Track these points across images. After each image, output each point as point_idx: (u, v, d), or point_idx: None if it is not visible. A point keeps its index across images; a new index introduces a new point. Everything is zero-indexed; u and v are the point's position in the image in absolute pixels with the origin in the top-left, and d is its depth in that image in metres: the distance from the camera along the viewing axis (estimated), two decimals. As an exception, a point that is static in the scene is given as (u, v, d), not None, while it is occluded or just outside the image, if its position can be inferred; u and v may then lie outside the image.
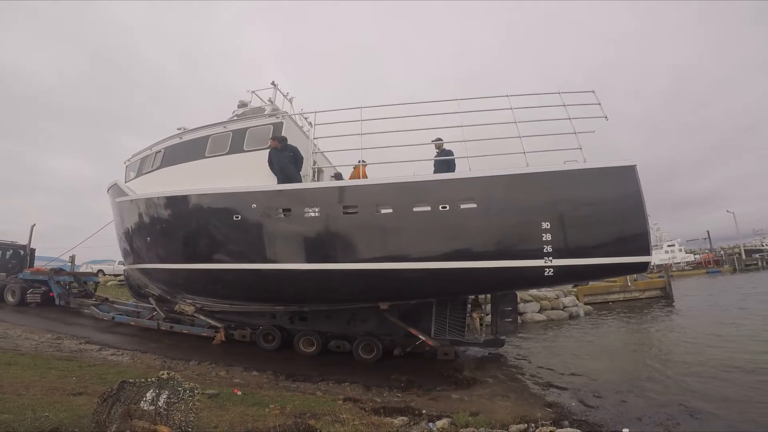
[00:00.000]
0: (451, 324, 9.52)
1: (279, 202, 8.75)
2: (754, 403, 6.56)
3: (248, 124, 10.02)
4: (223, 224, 9.13)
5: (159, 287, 11.33)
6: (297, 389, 7.75)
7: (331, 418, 5.39)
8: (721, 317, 15.10)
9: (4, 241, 20.91)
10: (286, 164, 9.10)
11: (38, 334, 11.57)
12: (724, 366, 8.66)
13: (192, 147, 10.40)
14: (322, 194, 8.60)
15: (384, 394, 7.61)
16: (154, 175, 11.00)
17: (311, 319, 10.78)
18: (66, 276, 17.39)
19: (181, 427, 3.69)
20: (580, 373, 8.85)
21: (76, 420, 4.22)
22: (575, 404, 6.82)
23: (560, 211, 7.22)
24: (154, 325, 12.48)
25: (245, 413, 5.51)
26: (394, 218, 7.98)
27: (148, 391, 3.85)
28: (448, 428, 5.40)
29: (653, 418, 6.00)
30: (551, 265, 7.06)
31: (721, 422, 5.86)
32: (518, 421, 5.88)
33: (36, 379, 6.75)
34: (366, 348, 9.90)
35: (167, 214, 10.05)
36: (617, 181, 7.29)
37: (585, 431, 5.31)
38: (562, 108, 7.89)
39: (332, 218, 8.32)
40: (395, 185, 8.25)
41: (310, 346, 10.33)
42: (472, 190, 7.69)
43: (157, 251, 10.30)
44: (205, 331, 11.66)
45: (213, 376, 8.53)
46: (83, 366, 8.15)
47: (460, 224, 7.59)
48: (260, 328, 11.02)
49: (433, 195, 7.84)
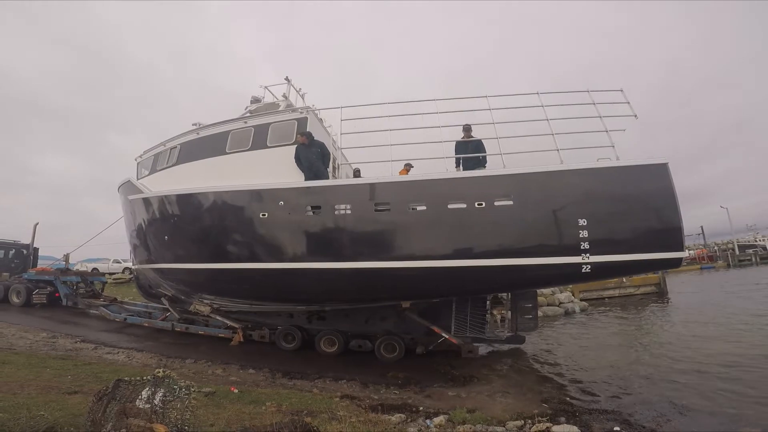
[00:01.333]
0: (472, 321, 9.48)
1: (308, 199, 8.58)
2: (746, 398, 6.62)
3: (270, 119, 9.77)
4: (249, 222, 8.90)
5: (175, 287, 10.97)
6: (294, 387, 7.75)
7: (328, 416, 5.39)
8: (714, 313, 15.20)
9: (7, 241, 20.44)
10: (314, 160, 8.92)
11: (33, 332, 11.51)
12: (716, 363, 8.74)
13: (211, 143, 10.11)
14: (353, 191, 8.48)
15: (381, 392, 7.62)
16: (169, 171, 10.67)
17: (329, 318, 10.60)
18: (73, 276, 16.97)
19: (177, 425, 3.67)
20: (576, 370, 8.90)
21: (71, 419, 4.19)
22: (571, 400, 6.86)
23: (596, 208, 7.31)
24: (168, 326, 12.19)
25: (242, 411, 5.50)
26: (429, 215, 7.91)
27: (143, 389, 3.83)
28: (445, 425, 5.41)
29: (646, 415, 6.03)
30: (588, 261, 7.14)
31: (712, 419, 5.90)
32: (515, 417, 5.90)
33: (31, 378, 6.72)
34: (388, 347, 9.76)
35: (188, 211, 9.74)
36: (650, 179, 7.39)
37: (581, 427, 5.33)
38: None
39: (364, 216, 8.22)
40: (429, 182, 8.15)
41: (331, 346, 10.18)
42: (509, 187, 7.69)
43: (176, 250, 9.98)
44: (222, 332, 11.39)
45: (209, 374, 8.51)
46: (78, 364, 8.12)
47: (496, 221, 7.60)
48: (279, 328, 10.78)
49: (469, 192, 7.77)
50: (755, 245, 61.68)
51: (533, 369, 9.02)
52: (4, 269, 18.86)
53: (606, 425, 5.67)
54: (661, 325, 14.13)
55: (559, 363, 9.50)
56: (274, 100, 11.41)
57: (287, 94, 11.38)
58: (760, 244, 62.80)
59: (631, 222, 7.25)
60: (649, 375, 8.18)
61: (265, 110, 10.74)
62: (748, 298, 18.60)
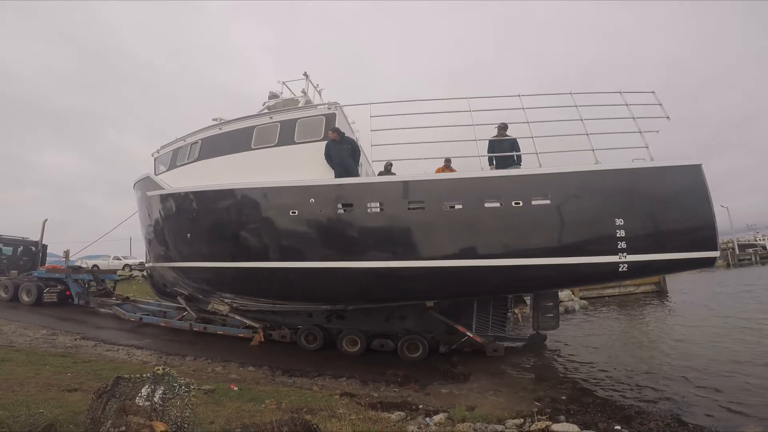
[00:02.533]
0: (494, 320, 9.43)
1: (340, 196, 8.50)
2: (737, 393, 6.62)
3: (297, 114, 9.61)
4: (278, 220, 8.77)
5: (195, 286, 10.73)
6: (293, 384, 7.75)
7: (327, 414, 5.38)
8: (714, 312, 15.20)
9: (15, 237, 19.86)
10: (345, 157, 8.82)
11: (33, 330, 11.51)
12: (718, 361, 8.74)
13: (235, 138, 9.89)
14: (386, 189, 8.41)
15: (381, 389, 7.62)
16: (190, 167, 10.43)
17: (349, 317, 10.45)
18: (85, 274, 16.65)
19: (177, 422, 3.67)
20: (576, 368, 8.90)
21: (71, 416, 4.19)
22: (570, 399, 6.85)
23: (633, 208, 7.38)
24: (186, 326, 11.93)
25: (241, 409, 5.51)
26: (464, 214, 7.87)
27: (143, 386, 3.82)
28: (444, 423, 5.41)
29: (647, 415, 6.01)
30: (625, 260, 7.21)
31: (710, 419, 5.89)
32: (514, 415, 5.91)
33: (30, 375, 6.72)
34: (411, 346, 9.63)
35: (214, 208, 9.51)
36: (684, 179, 7.49)
37: (581, 426, 5.32)
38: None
39: (397, 214, 8.16)
40: (466, 180, 8.11)
41: (353, 345, 10.01)
42: (547, 187, 7.70)
43: (199, 248, 9.75)
44: (242, 332, 11.17)
45: (209, 371, 8.51)
46: (78, 362, 8.12)
47: (534, 221, 7.62)
48: (299, 327, 10.56)
49: (506, 190, 7.76)
50: (755, 245, 61.63)
51: (532, 367, 9.00)
52: (12, 267, 18.31)
53: (607, 424, 5.66)
54: (661, 323, 14.13)
55: (558, 361, 9.49)
56: (293, 96, 11.29)
57: (306, 90, 11.26)
58: (760, 243, 62.77)
59: (666, 222, 7.39)
60: (651, 374, 8.18)
61: (283, 106, 10.62)
62: (742, 298, 18.46)
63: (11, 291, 15.70)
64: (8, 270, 17.77)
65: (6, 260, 18.85)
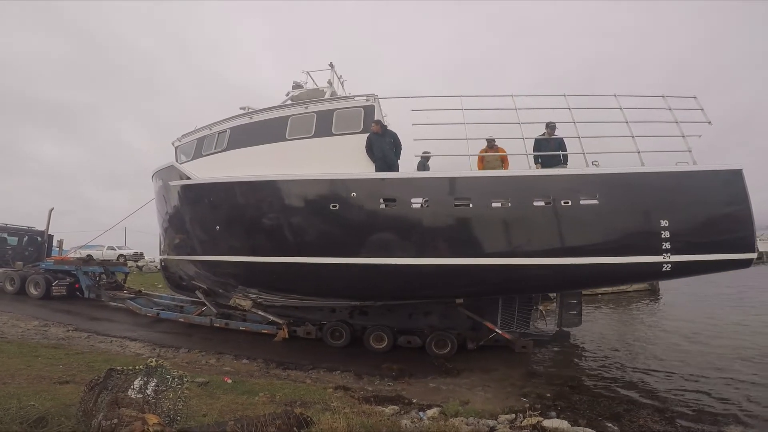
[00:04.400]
0: (519, 316, 9.44)
1: (383, 191, 8.37)
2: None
3: (333, 105, 9.39)
4: (318, 214, 8.59)
5: (219, 280, 10.43)
6: (287, 377, 7.76)
7: (321, 407, 5.40)
8: (703, 311, 15.33)
9: (20, 227, 18.78)
10: (387, 151, 8.67)
11: (25, 321, 11.42)
12: (701, 361, 8.87)
13: (268, 128, 9.60)
14: (431, 184, 8.30)
15: (375, 383, 7.65)
16: (218, 157, 10.07)
17: (372, 313, 10.32)
18: (96, 266, 15.89)
19: (170, 415, 3.66)
20: (567, 365, 8.97)
21: (62, 409, 4.15)
22: (557, 395, 6.87)
23: (677, 209, 7.55)
24: (207, 321, 11.43)
25: (235, 401, 5.51)
26: (513, 212, 7.87)
27: (135, 379, 3.80)
28: (437, 417, 5.43)
29: (636, 412, 6.04)
30: (669, 260, 7.37)
31: (696, 417, 5.96)
32: (507, 411, 5.94)
33: (22, 367, 6.68)
34: (439, 343, 9.51)
35: (249, 200, 9.24)
36: (726, 183, 7.67)
37: (572, 422, 5.36)
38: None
39: (442, 210, 8.09)
40: (514, 178, 8.10)
41: (380, 342, 9.80)
42: (596, 187, 7.77)
43: (230, 242, 9.47)
44: (265, 328, 10.79)
45: (203, 364, 8.50)
46: (70, 354, 8.08)
47: (582, 220, 7.70)
48: (324, 323, 10.32)
49: (556, 189, 7.79)
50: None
51: (526, 364, 9.01)
52: (17, 258, 17.17)
53: (596, 421, 5.70)
54: (652, 321, 14.26)
55: (552, 358, 9.55)
56: (317, 87, 11.16)
57: (332, 81, 11.14)
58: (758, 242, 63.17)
59: (707, 223, 7.59)
60: (639, 368, 8.29)
61: (306, 96, 10.49)
62: (735, 298, 18.53)
63: (18, 284, 15.07)
64: (13, 261, 16.85)
65: (11, 251, 17.88)
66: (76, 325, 11.21)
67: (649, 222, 7.53)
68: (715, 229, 7.55)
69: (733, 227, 7.51)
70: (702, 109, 8.07)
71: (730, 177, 7.65)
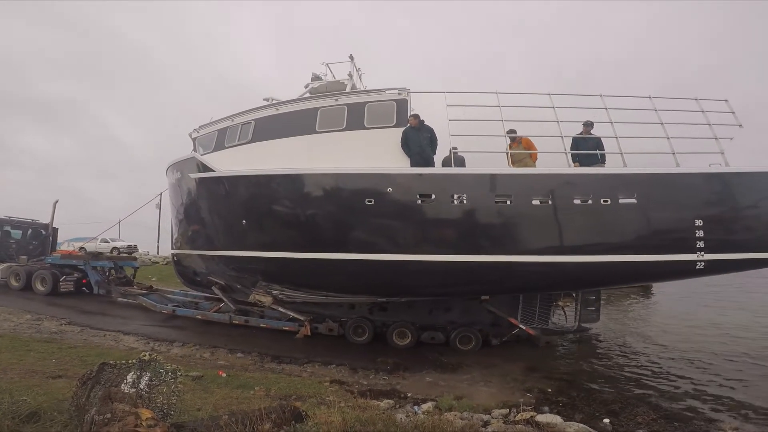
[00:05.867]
0: (540, 312, 9.48)
1: (420, 186, 8.27)
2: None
3: (365, 98, 9.21)
4: (353, 209, 8.42)
5: (239, 276, 10.16)
6: (283, 371, 7.76)
7: (316, 401, 5.41)
8: (692, 307, 15.48)
9: (23, 220, 17.98)
10: (424, 146, 8.54)
11: (17, 315, 11.32)
12: (698, 355, 9.01)
13: (296, 120, 9.35)
14: (471, 181, 8.23)
15: (370, 377, 7.68)
16: (242, 149, 9.75)
17: (391, 309, 10.20)
18: (105, 261, 15.32)
19: (163, 409, 3.64)
20: (566, 360, 9.03)
21: (55, 404, 4.13)
22: (558, 391, 6.92)
23: (711, 209, 7.71)
24: (225, 318, 11.01)
25: (230, 396, 5.50)
26: (553, 210, 7.87)
27: (129, 373, 3.77)
28: (432, 412, 5.45)
29: (633, 409, 6.05)
30: (703, 259, 7.52)
31: (693, 413, 6.02)
32: (500, 405, 5.98)
33: (14, 361, 6.63)
34: (464, 339, 9.48)
35: (280, 195, 8.99)
36: (758, 184, 7.88)
37: (565, 417, 5.39)
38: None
39: (482, 207, 8.05)
40: (556, 176, 8.10)
41: (403, 338, 9.67)
42: (634, 186, 7.86)
43: (258, 237, 9.24)
44: (286, 325, 10.43)
45: (197, 357, 8.49)
46: (63, 348, 8.02)
47: (621, 219, 7.78)
48: (348, 320, 10.14)
49: (596, 188, 7.83)
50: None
51: (519, 359, 9.03)
52: (22, 252, 16.36)
53: (594, 416, 5.74)
54: (642, 317, 14.35)
55: (545, 354, 9.57)
56: (335, 79, 11.09)
57: (352, 73, 11.07)
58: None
59: (740, 223, 7.77)
60: (635, 368, 8.35)
61: (325, 89, 10.40)
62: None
63: (23, 279, 14.51)
64: (18, 255, 16.07)
65: (15, 245, 17.08)
66: (69, 319, 11.13)
67: (684, 221, 7.66)
68: (748, 228, 7.72)
69: (765, 227, 7.70)
70: (734, 112, 8.21)
71: (763, 178, 7.85)
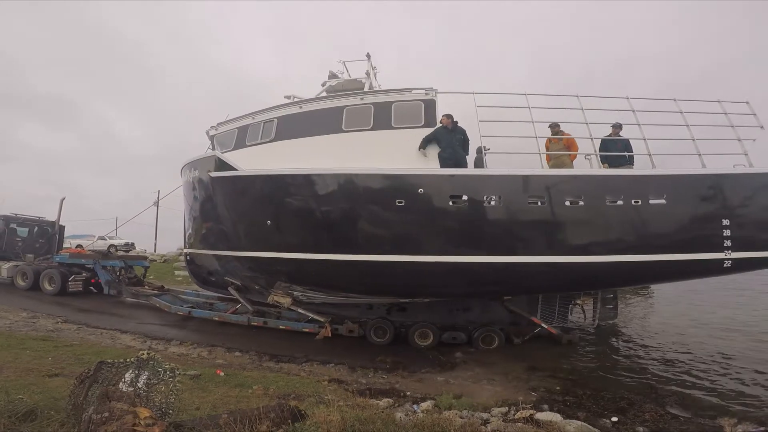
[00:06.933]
0: (559, 311, 9.52)
1: (452, 187, 8.23)
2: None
3: (391, 98, 9.11)
4: (383, 210, 8.35)
5: (264, 277, 10.00)
6: (281, 370, 7.74)
7: (315, 400, 5.38)
8: (691, 302, 15.54)
9: (30, 217, 17.52)
10: (456, 147, 8.48)
11: (13, 312, 11.24)
12: (694, 350, 9.06)
13: (322, 119, 9.24)
14: (503, 182, 8.22)
15: (369, 376, 7.66)
16: (265, 148, 9.61)
17: (410, 309, 10.16)
18: (116, 260, 15.06)
19: (161, 408, 3.61)
20: (568, 357, 8.98)
21: (52, 402, 4.09)
22: (565, 390, 6.91)
23: (737, 209, 7.88)
24: (244, 320, 10.75)
25: (228, 394, 5.48)
26: (587, 211, 7.94)
27: (126, 371, 3.75)
28: (431, 410, 5.44)
29: (641, 406, 6.05)
30: (730, 257, 7.70)
31: (694, 409, 6.04)
32: (500, 404, 5.98)
33: (9, 360, 6.57)
34: (486, 338, 9.48)
35: (308, 195, 8.85)
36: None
37: (570, 416, 5.39)
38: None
39: (515, 208, 8.07)
40: (588, 177, 8.19)
41: (424, 338, 9.59)
42: (664, 187, 7.98)
43: (284, 237, 9.09)
44: (306, 327, 10.23)
45: (195, 356, 8.45)
46: (59, 346, 7.97)
47: (651, 219, 7.90)
48: (368, 321, 10.02)
49: (628, 189, 7.92)
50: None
51: (518, 356, 9.04)
52: (28, 250, 15.93)
53: (603, 415, 5.73)
54: (644, 314, 14.39)
55: (544, 352, 9.55)
56: (350, 77, 11.10)
57: (369, 72, 11.04)
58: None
59: (765, 222, 7.92)
60: (636, 366, 8.37)
61: (342, 88, 10.40)
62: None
63: (31, 278, 14.16)
64: (24, 254, 15.66)
65: (21, 243, 16.58)
66: (65, 317, 11.07)
67: (710, 221, 7.82)
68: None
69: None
70: (755, 114, 8.31)
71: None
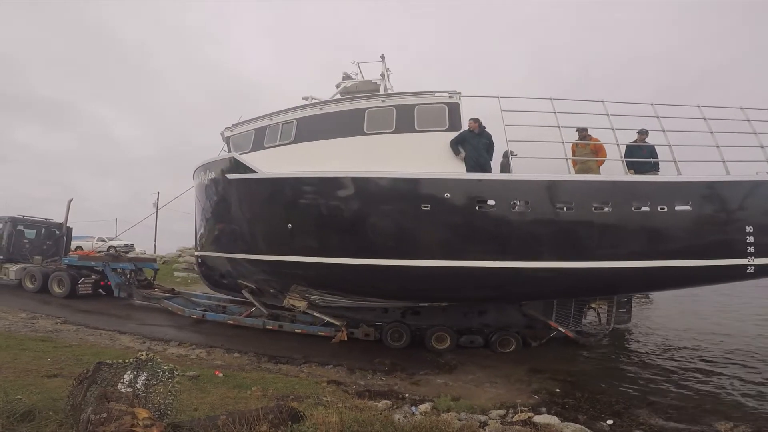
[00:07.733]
0: (574, 315, 9.50)
1: (478, 192, 8.20)
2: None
3: (414, 100, 9.03)
4: (409, 214, 8.28)
5: (282, 281, 9.91)
6: (279, 371, 7.73)
7: (314, 401, 5.39)
8: (689, 308, 15.55)
9: (37, 219, 17.37)
10: (482, 151, 8.43)
11: (12, 313, 11.24)
12: (693, 358, 9.06)
13: (342, 121, 9.14)
14: (531, 187, 8.18)
15: (368, 378, 7.66)
16: (284, 150, 9.47)
17: (425, 312, 10.05)
18: (126, 263, 14.80)
19: (160, 409, 3.62)
20: (567, 360, 9.01)
21: (50, 403, 4.10)
22: (564, 392, 6.92)
23: (760, 215, 7.94)
24: (258, 323, 10.57)
25: (226, 395, 5.48)
26: (614, 217, 7.95)
27: (125, 372, 3.76)
28: (430, 412, 5.45)
29: (636, 410, 6.09)
30: (753, 263, 7.76)
31: (693, 413, 6.06)
32: (498, 406, 5.99)
33: (8, 360, 6.58)
34: (504, 342, 9.48)
35: (333, 198, 8.78)
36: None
37: (564, 419, 5.40)
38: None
39: (542, 214, 8.05)
40: (615, 183, 8.16)
41: (441, 342, 9.53)
42: (689, 194, 8.01)
43: (305, 241, 9.02)
44: (322, 330, 10.10)
45: (193, 357, 8.45)
46: (58, 347, 7.97)
47: (676, 225, 7.93)
48: (385, 325, 9.92)
49: (654, 196, 7.94)
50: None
51: (517, 359, 9.04)
52: (35, 252, 15.77)
53: (599, 418, 5.75)
54: (643, 318, 14.39)
55: (543, 354, 9.56)
56: (366, 79, 11.11)
57: (384, 73, 11.03)
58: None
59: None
60: (639, 363, 8.46)
61: (356, 89, 10.41)
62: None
63: (39, 281, 13.99)
64: (31, 256, 15.45)
65: (29, 244, 16.41)
66: (64, 318, 11.07)
67: (733, 227, 7.88)
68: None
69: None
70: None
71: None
